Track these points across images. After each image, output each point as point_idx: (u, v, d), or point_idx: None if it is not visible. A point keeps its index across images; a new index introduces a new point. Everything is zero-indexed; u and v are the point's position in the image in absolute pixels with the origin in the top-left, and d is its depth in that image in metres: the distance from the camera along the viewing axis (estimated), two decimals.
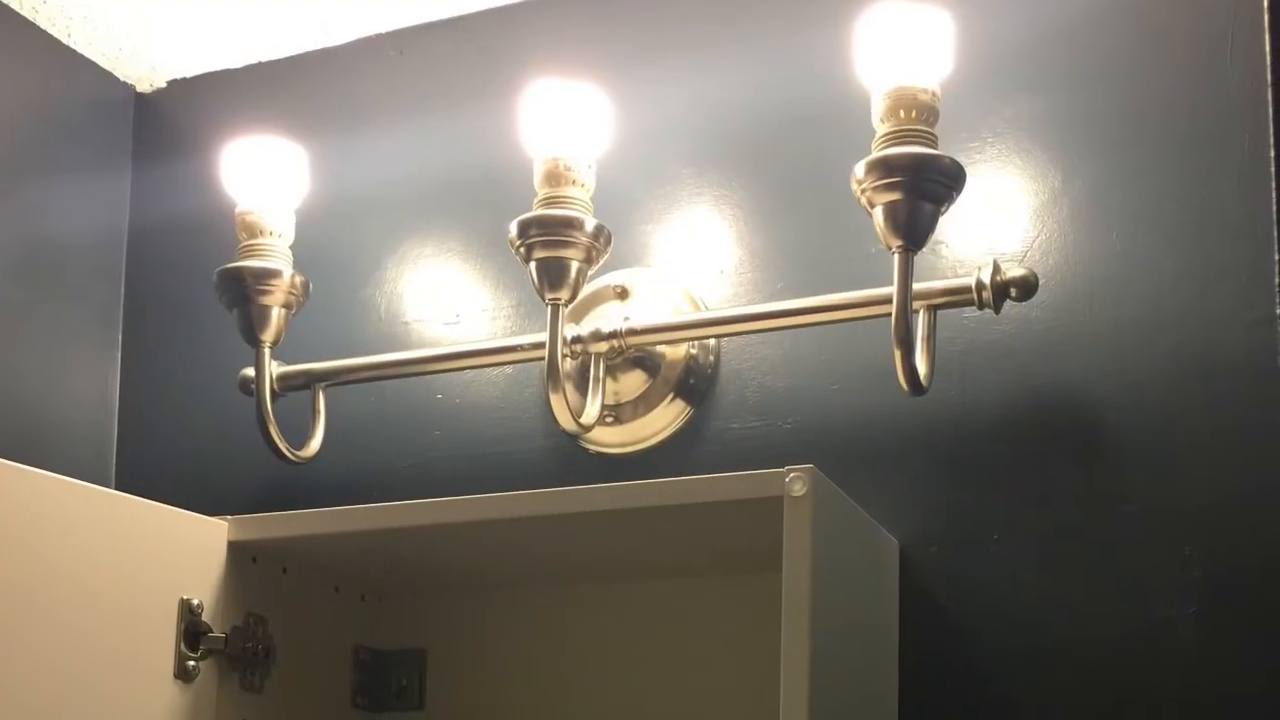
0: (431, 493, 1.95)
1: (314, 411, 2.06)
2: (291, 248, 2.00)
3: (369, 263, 2.21)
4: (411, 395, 2.13)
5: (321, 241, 2.14)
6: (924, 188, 1.71)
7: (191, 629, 1.83)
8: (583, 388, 1.97)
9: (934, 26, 1.73)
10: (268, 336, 2.00)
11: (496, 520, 1.78)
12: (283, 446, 2.02)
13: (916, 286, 1.76)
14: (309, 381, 2.07)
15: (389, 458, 2.13)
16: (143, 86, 2.41)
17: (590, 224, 1.83)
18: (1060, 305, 1.83)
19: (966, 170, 1.72)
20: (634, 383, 1.99)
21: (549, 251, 1.84)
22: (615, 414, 1.98)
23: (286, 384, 2.07)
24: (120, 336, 2.34)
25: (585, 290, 1.94)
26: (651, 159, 2.05)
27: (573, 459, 2.03)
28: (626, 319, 1.96)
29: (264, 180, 1.99)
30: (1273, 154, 1.77)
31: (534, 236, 1.84)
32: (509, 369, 2.08)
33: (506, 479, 2.03)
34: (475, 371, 2.10)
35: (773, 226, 1.99)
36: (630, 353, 1.96)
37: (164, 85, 2.41)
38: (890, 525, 1.83)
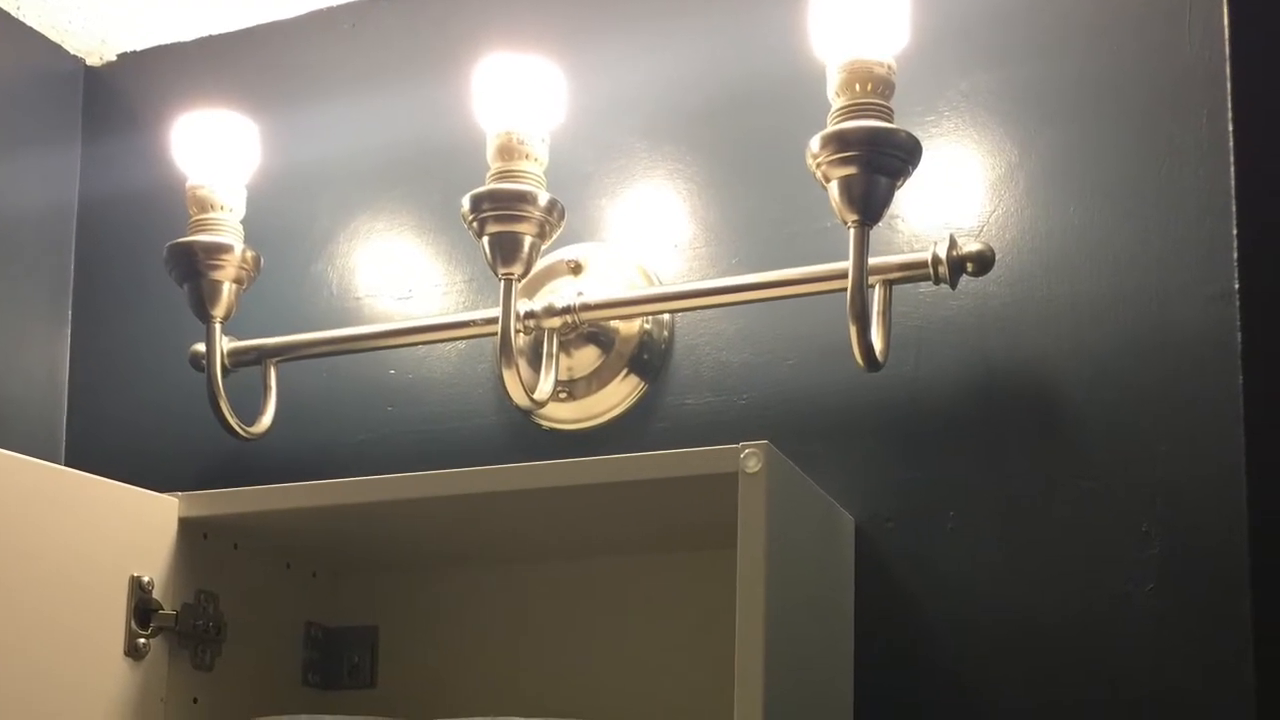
0: (384, 468, 1.96)
1: (265, 387, 2.04)
2: (243, 222, 1.98)
3: (320, 237, 2.19)
4: (364, 371, 2.12)
5: (272, 216, 2.13)
6: (880, 162, 1.70)
7: (142, 606, 1.80)
8: (536, 363, 1.96)
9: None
10: (219, 312, 1.99)
11: (449, 496, 1.76)
12: (233, 422, 2.00)
13: (872, 261, 1.75)
14: (260, 357, 2.06)
15: (341, 433, 2.12)
16: (92, 60, 2.39)
17: (543, 198, 1.82)
18: (1017, 280, 1.82)
19: (923, 144, 1.71)
20: (588, 358, 1.98)
21: (502, 226, 1.83)
22: (569, 389, 1.97)
23: (238, 359, 2.05)
24: (70, 311, 2.32)
25: (538, 265, 1.94)
26: (605, 133, 2.04)
27: (526, 435, 2.02)
28: (580, 294, 1.94)
29: (215, 154, 1.97)
30: (1231, 128, 1.76)
31: (486, 211, 1.83)
32: (462, 344, 2.07)
33: (459, 455, 2.01)
34: (428, 347, 2.08)
35: (727, 201, 1.98)
36: (584, 328, 1.95)
37: (114, 59, 2.38)
38: (846, 501, 1.82)
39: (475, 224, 1.84)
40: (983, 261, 1.77)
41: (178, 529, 1.84)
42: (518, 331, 1.89)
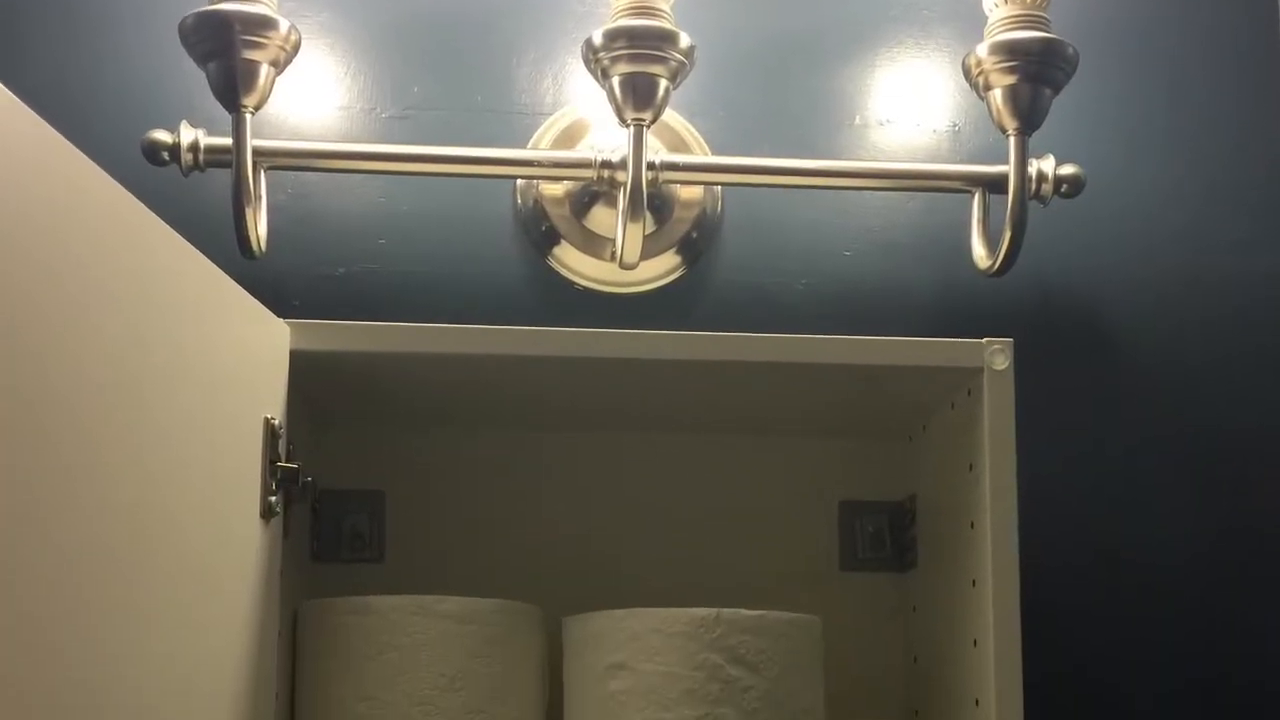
0: (377, 309, 1.79)
1: (254, 196, 1.73)
2: None
3: None
4: (350, 195, 1.86)
5: None
6: (1046, 74, 1.75)
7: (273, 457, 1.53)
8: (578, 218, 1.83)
9: None
10: (251, 100, 1.68)
11: (565, 358, 1.61)
12: (257, 234, 1.71)
13: (981, 169, 1.82)
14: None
15: (319, 264, 1.85)
16: None
17: (684, 40, 1.70)
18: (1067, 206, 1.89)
19: None
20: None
21: (637, 67, 1.69)
22: (614, 250, 1.83)
23: (212, 158, 1.74)
24: None
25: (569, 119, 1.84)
26: None
27: (553, 290, 1.87)
28: (657, 151, 1.81)
29: None
30: None
31: (620, 49, 1.69)
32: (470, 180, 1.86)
33: (472, 304, 1.85)
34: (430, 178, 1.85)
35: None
36: (651, 189, 1.81)
37: None
38: None
39: (604, 63, 1.69)
40: (1077, 184, 1.83)
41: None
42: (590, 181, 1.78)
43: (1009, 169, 1.76)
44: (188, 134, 1.72)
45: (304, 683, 1.61)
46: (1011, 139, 1.75)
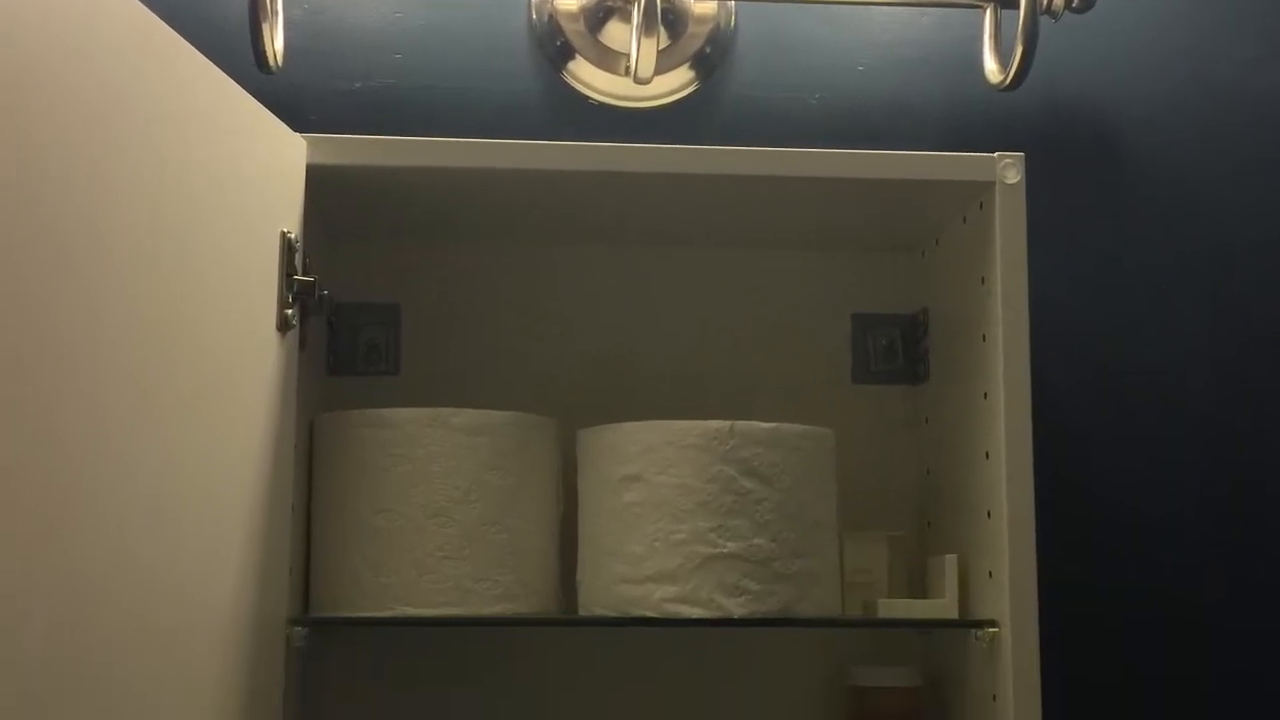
0: (393, 124, 1.81)
1: (270, 11, 1.72)
2: None
3: None
4: (365, 9, 1.85)
5: None
6: None
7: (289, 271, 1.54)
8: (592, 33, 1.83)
9: None
10: None
11: (579, 172, 1.62)
12: (272, 50, 1.71)
13: None
14: None
15: (334, 79, 1.85)
16: None
17: None
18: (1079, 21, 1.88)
19: None
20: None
21: None
22: (628, 65, 1.83)
23: None
24: None
25: None
26: None
27: (568, 105, 1.87)
28: None
29: None
30: None
31: None
32: None
33: (488, 119, 1.85)
34: None
35: None
36: (666, 3, 1.81)
37: None
38: None
39: None
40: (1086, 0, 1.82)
41: None
42: None
43: None
44: None
45: (320, 495, 1.63)
46: None
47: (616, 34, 1.86)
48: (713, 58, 1.87)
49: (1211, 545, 1.87)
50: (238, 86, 1.42)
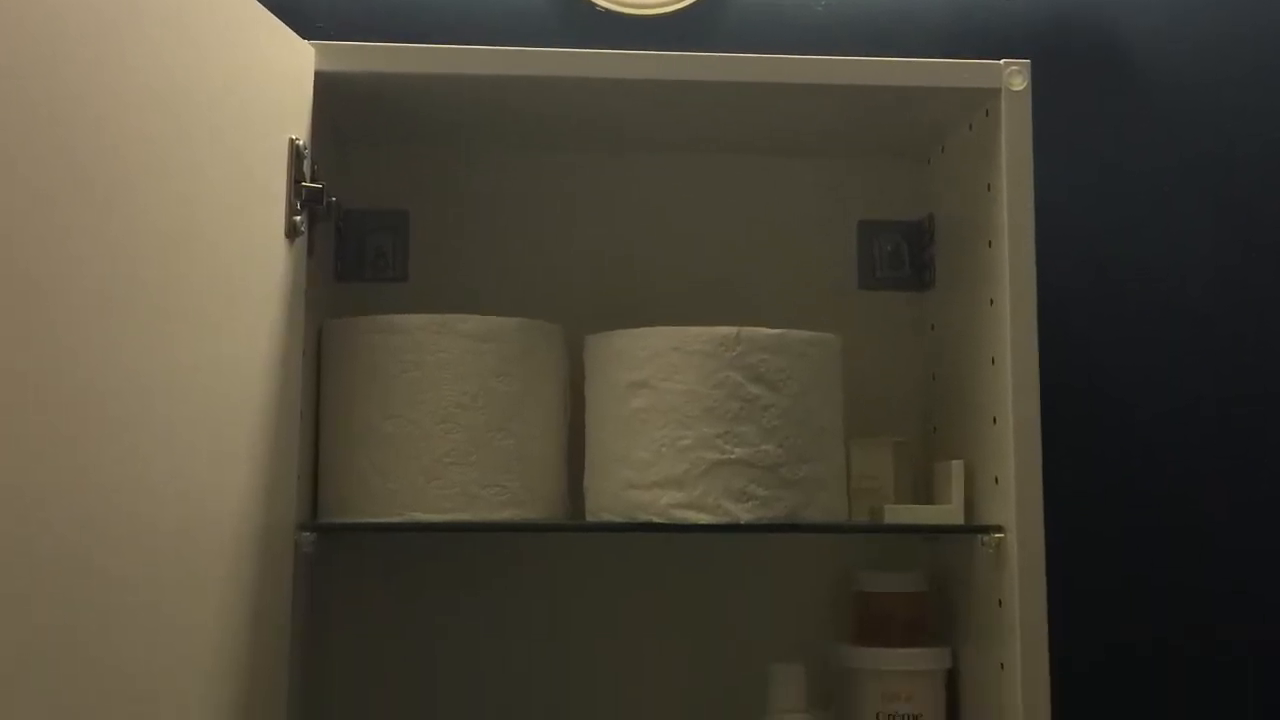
0: (401, 31, 1.81)
1: None
2: None
3: None
4: None
5: None
6: None
7: (298, 177, 1.54)
8: None
9: None
10: None
11: (587, 79, 1.62)
12: None
13: None
14: None
15: None
16: None
17: None
18: None
19: None
20: None
21: None
22: None
23: None
24: None
25: None
26: None
27: (575, 11, 1.86)
28: None
29: None
30: None
31: None
32: None
33: (493, 25, 1.84)
34: None
35: None
36: None
37: None
38: None
39: None
40: None
41: None
42: None
43: None
44: None
45: (328, 401, 1.64)
46: None
47: None
48: None
49: (1215, 451, 1.88)
50: None
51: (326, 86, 1.58)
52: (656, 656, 1.79)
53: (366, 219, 1.82)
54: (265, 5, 1.46)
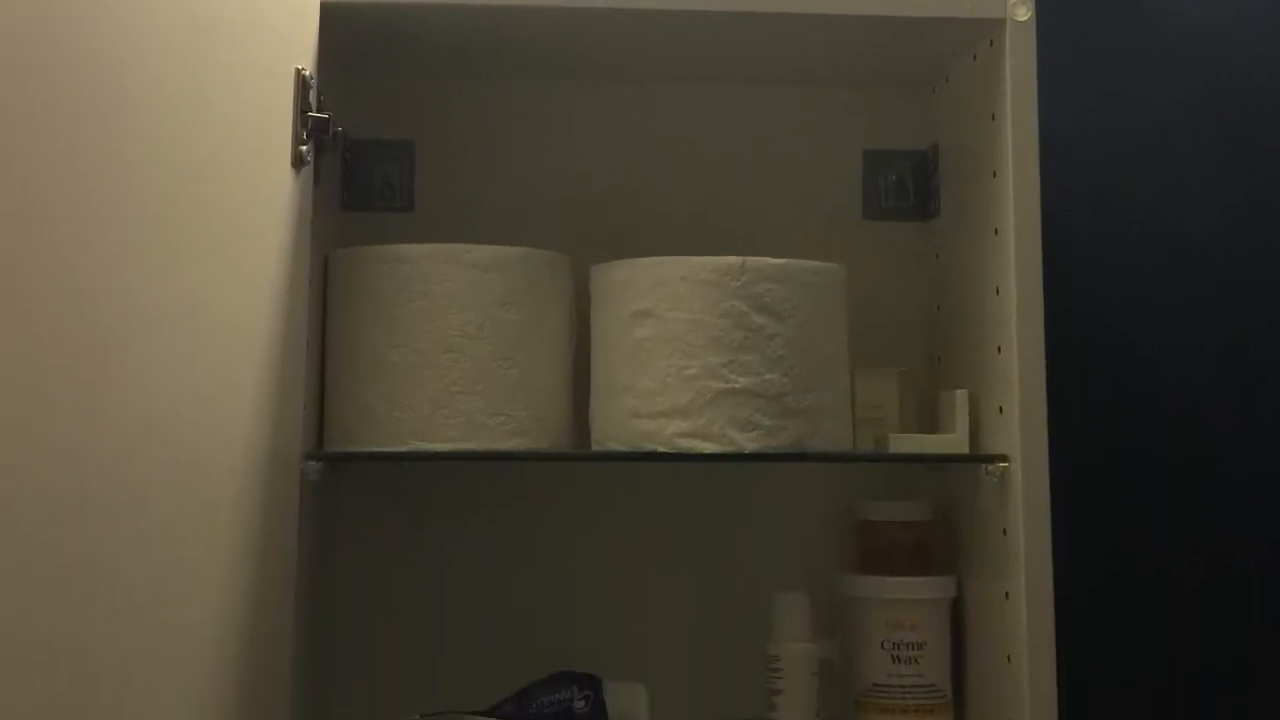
0: None
1: None
2: None
3: None
4: None
5: None
6: None
7: (304, 107, 1.54)
8: None
9: None
10: None
11: (593, 9, 1.62)
12: None
13: None
14: None
15: None
16: None
17: None
18: None
19: None
20: None
21: None
22: None
23: None
24: None
25: None
26: None
27: None
28: None
29: None
30: None
31: None
32: None
33: None
34: None
35: None
36: None
37: None
38: None
39: None
40: None
41: None
42: None
43: None
44: None
45: (334, 330, 1.64)
46: None
47: None
48: None
49: (1218, 378, 1.89)
50: None
51: (333, 17, 1.58)
52: (661, 585, 1.80)
53: (373, 149, 1.82)
54: None
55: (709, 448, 1.55)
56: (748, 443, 1.55)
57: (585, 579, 1.80)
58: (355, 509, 1.78)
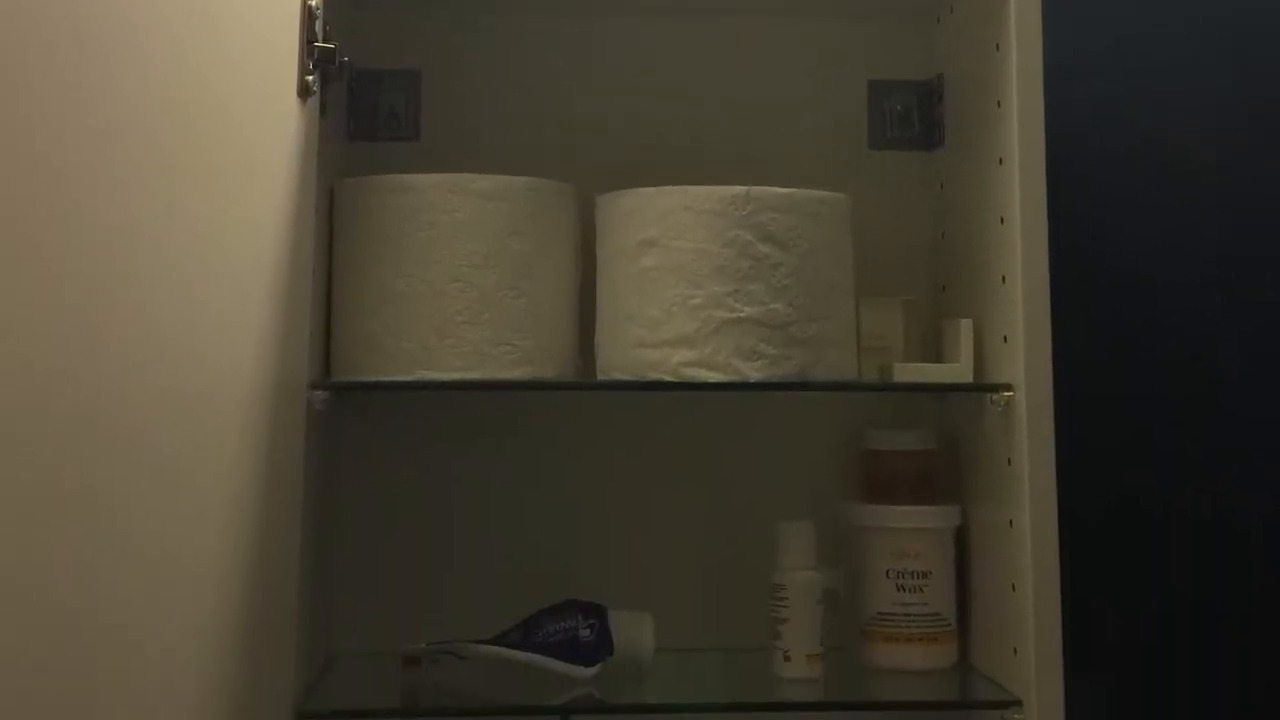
0: None
1: None
2: None
3: None
4: None
5: None
6: None
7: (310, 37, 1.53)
8: None
9: None
10: None
11: None
12: None
13: None
14: None
15: None
16: None
17: None
18: None
19: None
20: None
21: None
22: None
23: None
24: None
25: None
26: None
27: None
28: None
29: None
30: None
31: None
32: None
33: None
34: None
35: None
36: None
37: None
38: None
39: None
40: None
41: None
42: None
43: None
44: None
45: (340, 260, 1.65)
46: None
47: None
48: None
49: (1223, 310, 1.89)
50: None
51: None
52: (667, 514, 1.81)
53: (379, 79, 1.82)
54: None
55: (714, 377, 1.56)
56: (752, 372, 1.56)
57: (591, 508, 1.80)
58: (361, 438, 1.78)
